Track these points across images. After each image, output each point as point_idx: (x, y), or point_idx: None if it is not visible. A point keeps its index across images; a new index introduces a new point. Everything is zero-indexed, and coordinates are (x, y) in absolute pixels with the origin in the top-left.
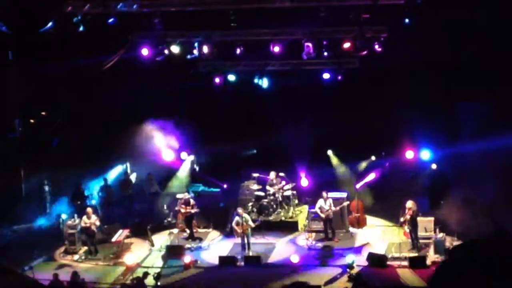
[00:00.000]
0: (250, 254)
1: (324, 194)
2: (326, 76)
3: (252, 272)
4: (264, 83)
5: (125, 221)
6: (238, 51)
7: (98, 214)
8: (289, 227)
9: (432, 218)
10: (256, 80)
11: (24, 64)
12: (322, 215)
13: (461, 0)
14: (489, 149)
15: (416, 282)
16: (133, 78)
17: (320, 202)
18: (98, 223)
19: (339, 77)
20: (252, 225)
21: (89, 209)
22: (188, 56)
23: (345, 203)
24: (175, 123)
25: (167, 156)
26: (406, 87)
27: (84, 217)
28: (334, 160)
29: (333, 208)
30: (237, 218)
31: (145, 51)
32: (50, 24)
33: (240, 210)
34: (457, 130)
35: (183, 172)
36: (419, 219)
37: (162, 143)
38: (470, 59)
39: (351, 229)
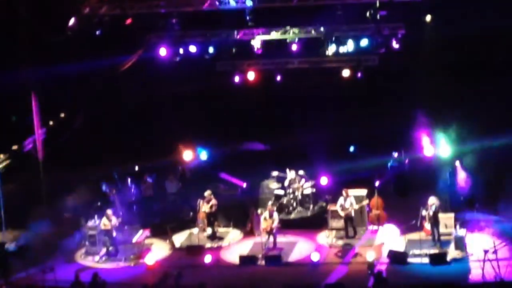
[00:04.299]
0: (275, 252)
1: (344, 192)
2: (345, 73)
3: (272, 271)
4: None
5: (146, 222)
6: (256, 49)
7: (118, 215)
8: (309, 226)
9: (452, 215)
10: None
11: (42, 65)
12: (342, 213)
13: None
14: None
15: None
16: (151, 78)
17: (341, 200)
18: (118, 224)
19: (359, 75)
20: (275, 225)
21: (108, 211)
22: (206, 56)
23: (365, 202)
24: (193, 122)
25: (187, 155)
26: (426, 83)
27: (104, 219)
28: None
29: (354, 207)
30: (266, 215)
31: (163, 51)
32: None
33: (270, 208)
34: (477, 126)
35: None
36: (439, 215)
37: (183, 143)
38: (490, 54)
39: (371, 226)
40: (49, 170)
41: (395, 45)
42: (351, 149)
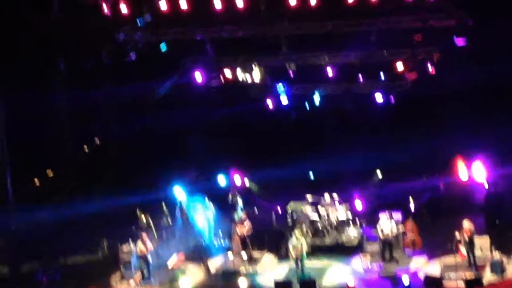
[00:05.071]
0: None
1: (388, 213)
2: (378, 98)
3: None
4: (316, 100)
5: (180, 246)
6: (291, 74)
7: (154, 238)
8: (344, 250)
9: (488, 238)
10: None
11: (78, 92)
12: (381, 236)
13: None
14: None
15: None
16: (185, 102)
17: (382, 223)
18: (153, 248)
19: (392, 99)
20: (305, 250)
21: (143, 235)
22: (241, 79)
23: (401, 228)
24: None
25: (222, 180)
26: (459, 108)
27: (139, 243)
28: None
29: (394, 231)
30: (294, 240)
31: (198, 76)
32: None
33: (298, 233)
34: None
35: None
36: (475, 239)
37: (217, 167)
38: None
39: (406, 250)
40: (83, 194)
41: (430, 69)
42: (378, 174)
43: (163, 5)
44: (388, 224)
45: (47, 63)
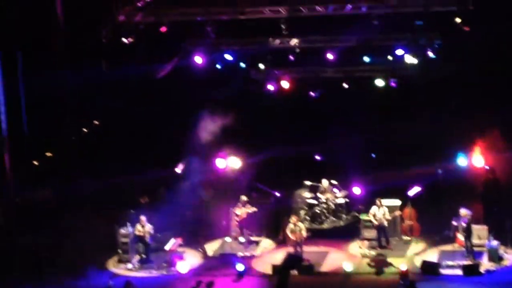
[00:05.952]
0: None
1: (378, 201)
2: (379, 83)
3: (305, 280)
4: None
5: (178, 229)
6: (291, 58)
7: (151, 222)
8: (341, 236)
9: (485, 226)
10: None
11: (78, 73)
12: (375, 223)
13: None
14: None
15: None
16: (185, 85)
17: (374, 210)
18: (152, 231)
19: (393, 84)
20: (305, 235)
21: (142, 217)
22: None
23: (397, 213)
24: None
25: (220, 163)
26: (460, 93)
27: (138, 225)
28: None
29: (387, 217)
30: (291, 226)
31: (198, 59)
32: None
33: (294, 219)
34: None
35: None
36: (473, 226)
37: (214, 150)
38: None
39: (403, 237)
40: (82, 175)
41: (431, 54)
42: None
43: None
44: (380, 210)
45: (47, 43)
